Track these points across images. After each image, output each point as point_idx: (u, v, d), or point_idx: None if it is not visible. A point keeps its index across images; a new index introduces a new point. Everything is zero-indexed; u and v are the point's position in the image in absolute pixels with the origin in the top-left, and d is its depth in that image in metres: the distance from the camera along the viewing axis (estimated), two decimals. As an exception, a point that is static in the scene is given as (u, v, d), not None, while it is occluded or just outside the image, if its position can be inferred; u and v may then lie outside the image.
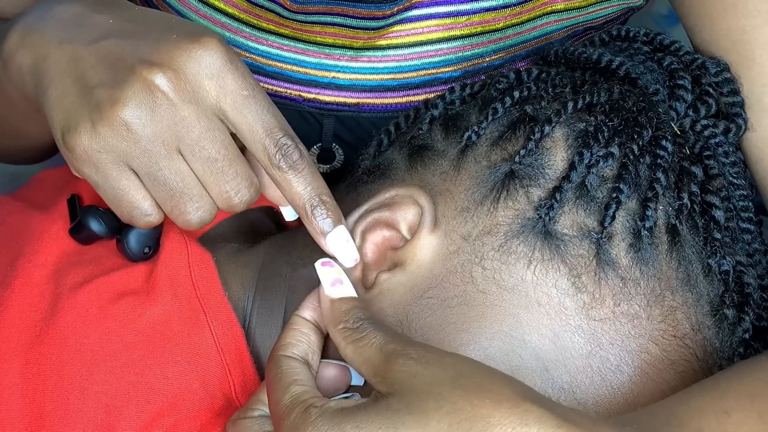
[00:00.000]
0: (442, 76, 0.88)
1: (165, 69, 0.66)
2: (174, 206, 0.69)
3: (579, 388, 0.68)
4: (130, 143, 0.66)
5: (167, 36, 0.68)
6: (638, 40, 0.81)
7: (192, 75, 0.66)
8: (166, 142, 0.67)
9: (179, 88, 0.66)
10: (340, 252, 0.70)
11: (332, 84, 0.89)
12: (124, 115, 0.65)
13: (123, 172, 0.67)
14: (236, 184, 0.69)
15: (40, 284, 0.76)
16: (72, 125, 0.67)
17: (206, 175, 0.68)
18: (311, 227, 0.70)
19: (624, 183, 0.69)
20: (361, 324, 0.64)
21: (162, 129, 0.66)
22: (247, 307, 0.77)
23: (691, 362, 0.70)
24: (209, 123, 0.67)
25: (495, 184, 0.71)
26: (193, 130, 0.67)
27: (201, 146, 0.67)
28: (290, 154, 0.68)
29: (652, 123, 0.72)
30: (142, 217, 0.69)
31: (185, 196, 0.68)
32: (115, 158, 0.67)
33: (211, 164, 0.68)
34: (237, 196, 0.69)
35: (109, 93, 0.66)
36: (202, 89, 0.67)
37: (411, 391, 0.58)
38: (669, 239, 0.70)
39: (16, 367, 0.72)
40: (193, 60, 0.66)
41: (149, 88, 0.66)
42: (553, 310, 0.68)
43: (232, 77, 0.67)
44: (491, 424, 0.56)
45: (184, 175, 0.68)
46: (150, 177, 0.68)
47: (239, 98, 0.67)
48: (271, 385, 0.64)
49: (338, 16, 0.86)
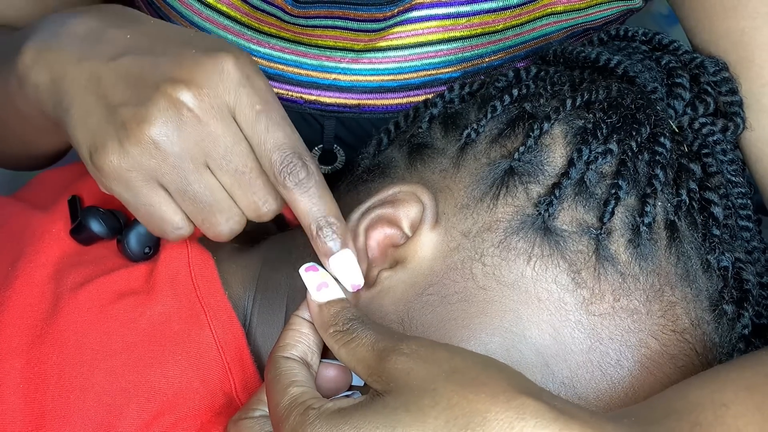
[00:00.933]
0: (442, 77, 0.88)
1: (189, 85, 0.66)
2: (205, 219, 0.70)
3: (579, 382, 0.68)
4: (158, 160, 0.67)
5: (186, 52, 0.68)
6: (637, 39, 0.81)
7: (213, 90, 0.67)
8: (194, 158, 0.67)
9: (203, 104, 0.67)
10: (343, 275, 0.70)
11: (333, 86, 0.89)
12: (151, 133, 0.66)
13: (153, 188, 0.68)
14: (263, 195, 0.70)
15: (40, 284, 0.76)
16: (99, 145, 0.67)
17: (234, 188, 0.69)
18: (316, 247, 0.70)
19: (623, 179, 0.69)
20: (351, 325, 0.64)
21: (190, 145, 0.67)
22: (247, 307, 0.77)
23: (690, 357, 0.70)
24: (234, 137, 0.68)
25: (494, 181, 0.71)
26: (219, 145, 0.68)
27: (228, 160, 0.68)
28: (296, 173, 0.68)
29: (651, 120, 0.72)
30: (173, 231, 0.70)
31: (215, 209, 0.69)
32: (145, 176, 0.68)
33: (238, 177, 0.69)
34: (265, 205, 0.70)
35: (135, 111, 0.67)
36: (224, 105, 0.67)
37: (406, 389, 0.58)
38: (668, 235, 0.70)
39: (17, 367, 0.72)
40: (213, 75, 0.67)
41: (175, 105, 0.66)
42: (553, 305, 0.68)
43: (246, 92, 0.68)
44: (488, 419, 0.56)
45: (213, 189, 0.69)
46: (180, 192, 0.68)
47: (251, 113, 0.68)
48: (270, 386, 0.64)
49: (339, 19, 0.86)
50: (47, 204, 0.84)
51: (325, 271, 0.70)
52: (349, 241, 0.70)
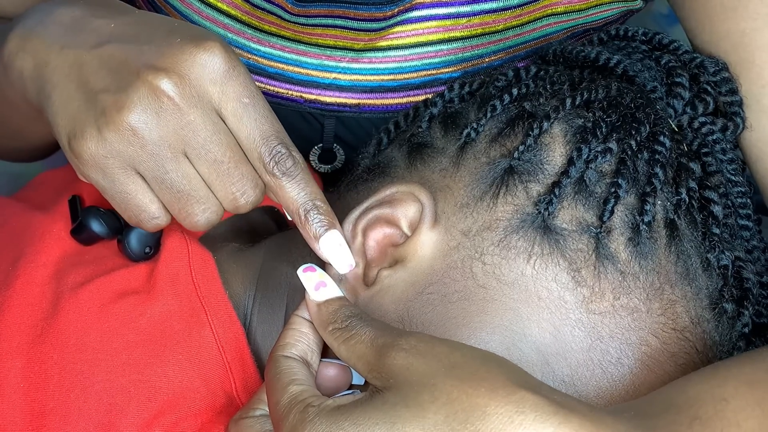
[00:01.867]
0: (443, 77, 0.88)
1: (170, 73, 0.66)
2: (181, 208, 0.70)
3: (580, 380, 0.68)
4: (136, 148, 0.67)
5: (171, 40, 0.68)
6: (637, 39, 0.81)
7: (196, 79, 0.67)
8: (172, 146, 0.67)
9: (184, 93, 0.67)
10: (334, 256, 0.70)
11: (333, 85, 0.89)
12: (130, 120, 0.66)
13: (130, 176, 0.68)
14: (242, 186, 0.69)
15: (41, 284, 0.76)
16: (78, 131, 0.67)
17: (212, 178, 0.69)
18: (305, 232, 0.70)
19: (622, 178, 0.70)
20: (350, 322, 0.65)
21: (168, 133, 0.67)
22: (247, 306, 0.77)
23: (691, 355, 0.70)
24: (215, 126, 0.68)
25: (494, 180, 0.71)
26: (199, 134, 0.67)
27: (207, 149, 0.68)
28: (283, 162, 0.69)
29: (650, 119, 0.72)
30: (150, 220, 0.70)
31: (192, 199, 0.69)
32: (122, 163, 0.67)
33: (217, 167, 0.68)
34: (243, 197, 0.70)
35: (115, 98, 0.66)
36: (206, 94, 0.67)
37: (406, 384, 0.58)
38: (667, 234, 0.70)
39: (18, 366, 0.72)
40: (197, 65, 0.67)
41: (155, 92, 0.66)
42: (553, 304, 0.68)
43: (232, 84, 0.68)
44: (487, 413, 0.56)
45: (190, 178, 0.69)
46: (157, 181, 0.68)
47: (239, 106, 0.68)
48: (270, 385, 0.64)
49: (339, 18, 0.86)
50: (48, 204, 0.84)
51: (322, 271, 0.70)
52: (336, 223, 0.71)
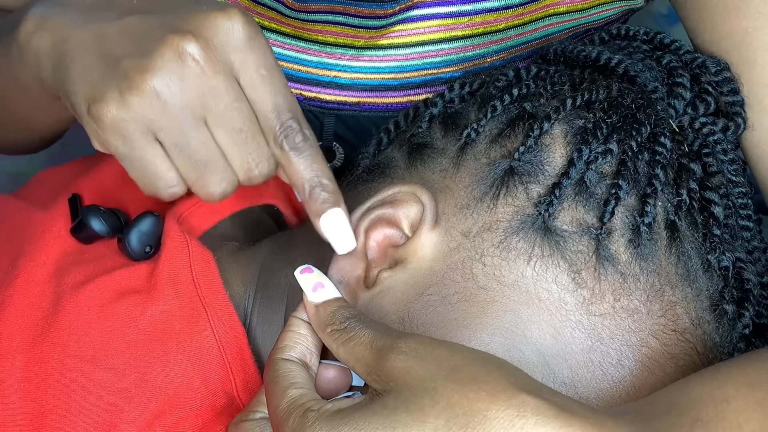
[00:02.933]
0: (443, 76, 0.88)
1: (198, 37, 0.65)
2: (198, 177, 0.68)
3: (580, 382, 0.68)
4: (158, 112, 0.65)
5: (196, 8, 0.67)
6: (638, 38, 0.81)
7: (221, 45, 0.66)
8: (194, 111, 0.66)
9: (209, 57, 0.65)
10: (334, 235, 0.70)
11: (333, 83, 0.89)
12: (153, 82, 0.65)
13: (149, 142, 0.67)
14: (257, 155, 0.68)
15: (41, 283, 0.76)
16: (99, 95, 0.66)
17: (230, 146, 0.68)
18: (308, 208, 0.69)
19: (623, 179, 0.69)
20: (348, 323, 0.64)
21: (192, 98, 0.66)
22: (248, 306, 0.77)
23: (691, 356, 0.70)
24: (236, 94, 0.67)
25: (494, 181, 0.71)
26: (221, 100, 0.66)
27: (228, 116, 0.67)
28: (293, 136, 0.68)
29: (651, 120, 0.72)
30: (166, 188, 0.68)
31: (210, 167, 0.68)
32: (143, 127, 0.66)
33: (236, 135, 0.67)
34: (257, 167, 0.69)
35: (138, 62, 0.65)
36: (228, 60, 0.66)
37: (406, 388, 0.58)
38: (668, 235, 0.70)
39: (18, 366, 0.72)
40: (222, 31, 0.66)
41: (180, 55, 0.65)
42: (553, 305, 0.68)
43: (254, 54, 0.67)
44: (488, 417, 0.56)
45: (209, 146, 0.68)
46: (177, 147, 0.67)
47: (257, 76, 0.67)
48: (269, 389, 0.64)
49: (340, 15, 0.86)
50: (48, 202, 0.84)
51: (320, 272, 0.70)
52: (342, 203, 0.70)
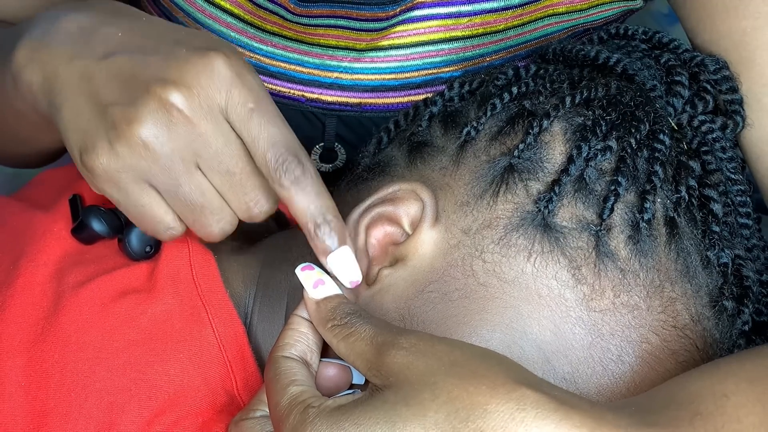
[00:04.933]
0: (444, 76, 0.88)
1: (179, 86, 0.66)
2: (196, 219, 0.69)
3: (581, 378, 0.68)
4: (149, 161, 0.66)
5: (178, 51, 0.68)
6: (636, 38, 0.81)
7: (204, 91, 0.66)
8: (184, 159, 0.67)
9: (193, 104, 0.66)
10: (341, 273, 0.69)
11: (335, 84, 0.89)
12: (141, 134, 0.65)
13: (144, 189, 0.68)
14: (255, 196, 0.69)
15: (42, 283, 0.76)
16: (90, 145, 0.67)
17: (225, 188, 0.68)
18: (314, 246, 0.69)
19: (622, 176, 0.70)
20: (349, 319, 0.64)
21: (180, 146, 0.66)
22: (248, 305, 0.77)
23: (691, 352, 0.70)
24: (225, 137, 0.67)
25: (494, 178, 0.71)
26: (210, 146, 0.67)
27: (219, 161, 0.67)
28: (291, 170, 0.67)
29: (650, 117, 0.72)
30: (165, 231, 0.70)
31: (206, 210, 0.69)
32: (135, 176, 0.67)
33: (229, 178, 0.68)
34: (257, 206, 0.69)
35: (125, 112, 0.66)
36: (214, 104, 0.66)
37: (406, 383, 0.58)
38: (667, 231, 0.70)
39: (19, 365, 0.72)
40: (203, 75, 0.66)
41: (164, 106, 0.65)
42: (553, 301, 0.68)
43: (238, 90, 0.67)
44: (488, 411, 0.56)
45: (204, 190, 0.68)
46: (170, 193, 0.68)
47: (244, 111, 0.67)
48: (270, 386, 0.64)
49: (341, 18, 0.86)
50: (48, 203, 0.84)
51: (320, 269, 0.70)
52: (347, 238, 0.69)
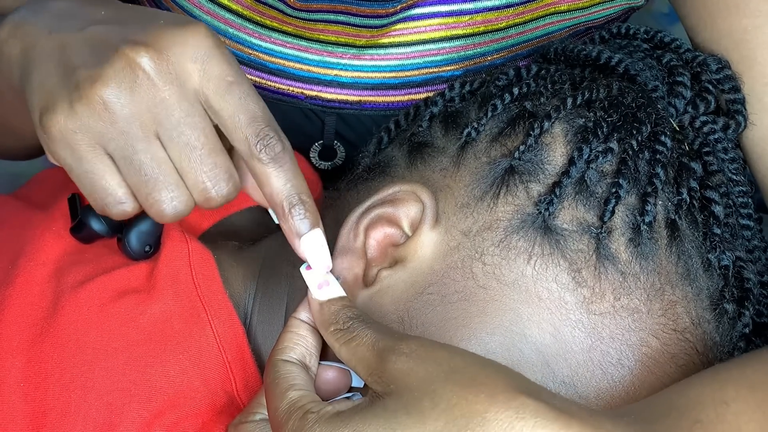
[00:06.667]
0: (444, 75, 0.88)
1: (149, 48, 0.64)
2: (148, 194, 0.65)
3: (580, 381, 0.68)
4: (107, 123, 0.64)
5: (155, 22, 0.66)
6: (638, 37, 0.81)
7: (176, 57, 0.64)
8: (144, 124, 0.64)
9: (161, 69, 0.64)
10: (313, 257, 0.68)
11: (334, 82, 0.89)
12: (102, 93, 0.63)
13: (98, 155, 0.65)
14: (214, 176, 0.65)
15: (41, 283, 0.76)
16: (50, 105, 0.64)
17: (184, 163, 0.65)
18: (286, 227, 0.67)
19: (623, 178, 0.69)
20: (351, 323, 0.64)
21: (141, 110, 0.64)
22: (248, 305, 0.77)
23: (691, 356, 0.70)
24: (190, 108, 0.65)
25: (495, 180, 0.71)
26: (173, 114, 0.64)
27: (180, 131, 0.65)
28: (273, 146, 0.65)
29: (651, 119, 0.72)
30: (115, 205, 0.66)
31: (160, 184, 0.65)
32: (91, 140, 0.64)
33: (189, 151, 0.65)
34: (214, 188, 0.66)
35: (90, 72, 0.64)
36: (185, 72, 0.64)
37: (406, 390, 0.58)
38: (668, 234, 0.70)
39: (18, 365, 0.72)
40: (178, 43, 0.64)
41: (131, 66, 0.63)
42: (553, 304, 0.68)
43: (217, 62, 0.65)
44: (487, 419, 0.56)
45: (160, 161, 0.65)
46: (126, 161, 0.65)
47: (223, 83, 0.65)
48: (269, 390, 0.64)
49: (341, 14, 0.86)
50: (47, 202, 0.84)
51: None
52: (320, 221, 0.68)
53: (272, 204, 0.67)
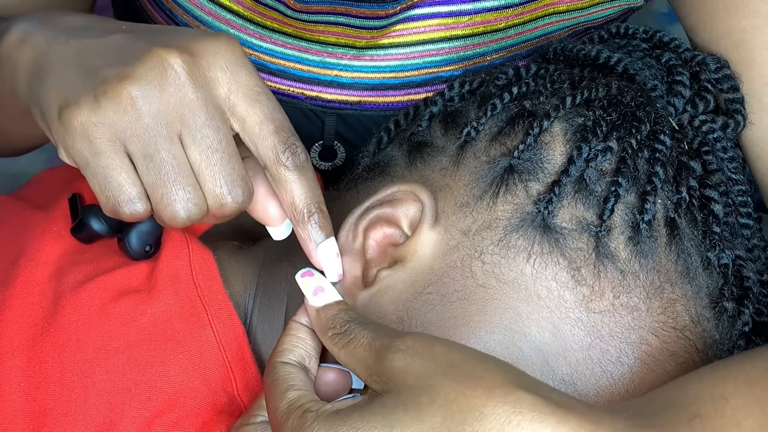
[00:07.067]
0: (444, 75, 0.88)
1: (182, 52, 0.65)
2: (164, 194, 0.65)
3: (580, 379, 0.68)
4: (131, 119, 0.64)
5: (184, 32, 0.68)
6: (637, 37, 0.81)
7: (207, 63, 0.65)
8: (169, 123, 0.64)
9: (193, 72, 0.65)
10: (327, 264, 0.70)
11: (334, 82, 0.89)
12: (131, 89, 0.63)
13: (117, 151, 0.64)
14: (231, 181, 0.66)
15: (41, 283, 0.76)
16: (72, 99, 0.64)
17: (203, 166, 0.65)
18: (305, 234, 0.69)
19: (622, 177, 0.69)
20: (348, 326, 0.64)
21: (168, 108, 0.64)
22: (248, 305, 0.77)
23: (691, 354, 0.70)
24: (216, 113, 0.65)
25: (494, 179, 0.71)
26: (199, 116, 0.65)
27: (204, 134, 0.65)
28: (299, 154, 0.67)
29: (650, 118, 0.72)
30: (127, 203, 0.65)
31: (178, 184, 0.65)
32: (113, 135, 0.64)
33: (210, 154, 0.65)
34: (231, 194, 0.66)
35: (119, 70, 0.64)
36: (215, 79, 0.65)
37: (404, 387, 0.58)
38: (668, 232, 0.70)
39: (19, 365, 0.72)
40: (210, 51, 0.65)
41: (163, 65, 0.64)
42: (552, 302, 0.68)
43: (246, 73, 0.66)
44: (485, 414, 0.56)
45: (180, 162, 0.65)
46: (146, 158, 0.64)
47: (251, 92, 0.66)
48: (268, 392, 0.64)
49: (341, 15, 0.86)
50: (47, 202, 0.84)
51: (320, 275, 0.70)
52: (332, 230, 0.70)
53: (291, 210, 0.68)
